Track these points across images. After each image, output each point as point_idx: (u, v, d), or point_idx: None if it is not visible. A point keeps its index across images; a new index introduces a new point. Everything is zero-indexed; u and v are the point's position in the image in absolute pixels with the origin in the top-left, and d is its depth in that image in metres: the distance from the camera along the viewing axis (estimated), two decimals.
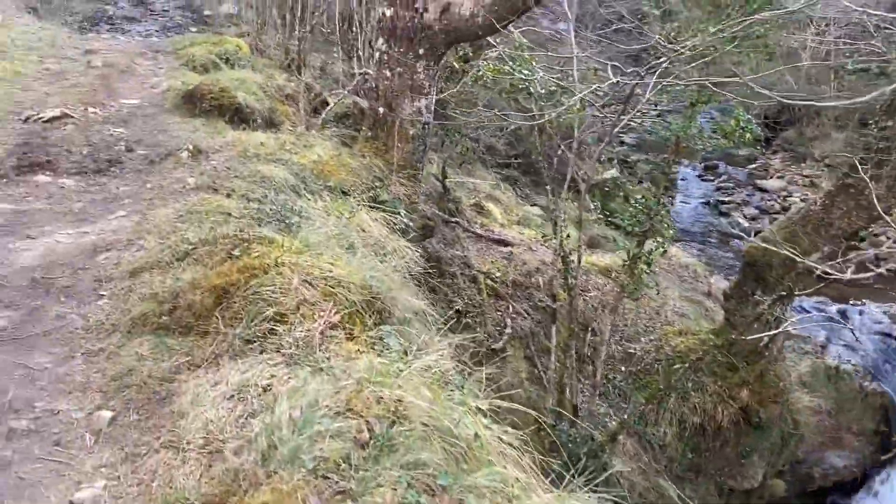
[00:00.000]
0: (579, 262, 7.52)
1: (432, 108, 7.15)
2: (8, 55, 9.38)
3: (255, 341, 3.31)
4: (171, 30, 13.69)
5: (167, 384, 3.15)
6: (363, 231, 5.67)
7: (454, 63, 7.93)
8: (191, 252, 4.18)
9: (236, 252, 3.88)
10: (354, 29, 10.06)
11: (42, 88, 8.44)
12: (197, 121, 7.93)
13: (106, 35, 12.41)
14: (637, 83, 6.00)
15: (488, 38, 7.72)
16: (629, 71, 6.05)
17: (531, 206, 14.48)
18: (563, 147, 8.04)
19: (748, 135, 7.24)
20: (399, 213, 6.82)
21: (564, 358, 8.06)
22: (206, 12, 15.36)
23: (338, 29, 13.02)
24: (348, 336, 3.52)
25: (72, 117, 7.52)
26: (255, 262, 3.74)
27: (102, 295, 4.05)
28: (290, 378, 3.04)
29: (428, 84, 6.95)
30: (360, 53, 10.22)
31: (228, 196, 5.58)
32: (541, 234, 10.86)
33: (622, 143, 19.18)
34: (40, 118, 7.42)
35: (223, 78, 8.66)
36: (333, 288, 3.71)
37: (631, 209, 7.89)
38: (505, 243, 10.67)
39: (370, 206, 6.56)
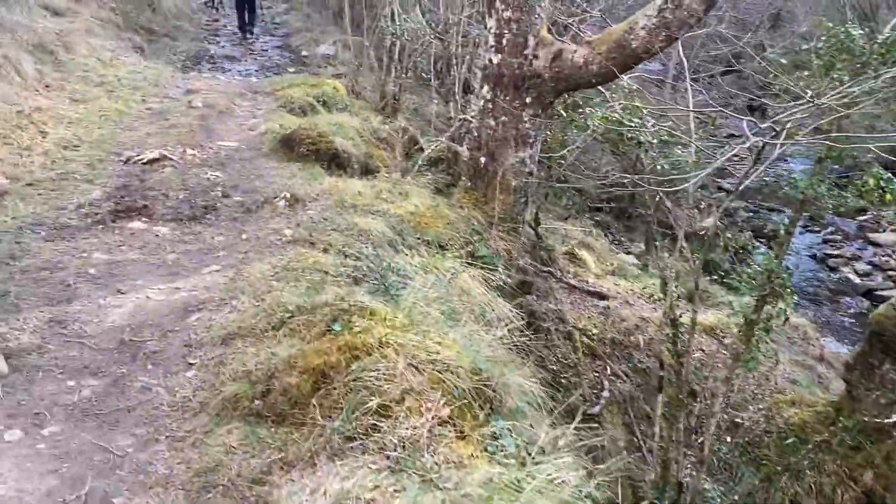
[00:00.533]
0: (693, 327, 6.86)
1: (536, 159, 6.71)
2: (114, 94, 9.47)
3: (356, 438, 2.88)
4: (269, 69, 13.77)
5: (257, 487, 2.75)
6: (463, 291, 5.23)
7: (561, 111, 7.46)
8: (287, 321, 3.81)
9: (336, 326, 3.48)
10: (452, 73, 9.75)
11: (144, 129, 8.43)
12: (294, 166, 7.71)
13: (207, 74, 12.54)
14: (769, 142, 5.39)
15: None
16: (764, 126, 5.45)
17: (625, 253, 13.81)
18: (661, 195, 7.47)
19: (888, 195, 6.48)
20: (498, 269, 6.38)
21: (669, 430, 7.38)
22: (304, 53, 15.45)
23: (433, 71, 12.81)
24: (458, 434, 3.05)
25: (170, 159, 7.41)
26: (357, 339, 3.33)
27: (191, 364, 3.72)
28: (396, 491, 2.59)
29: (533, 133, 6.52)
30: (457, 98, 9.90)
31: (325, 251, 5.26)
32: (639, 286, 10.23)
33: (720, 188, 18.27)
34: (140, 160, 7.34)
35: (321, 122, 8.46)
36: (441, 373, 3.26)
37: (749, 270, 7.20)
38: (600, 296, 10.05)
39: (468, 262, 6.14)
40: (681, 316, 7.21)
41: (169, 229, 5.74)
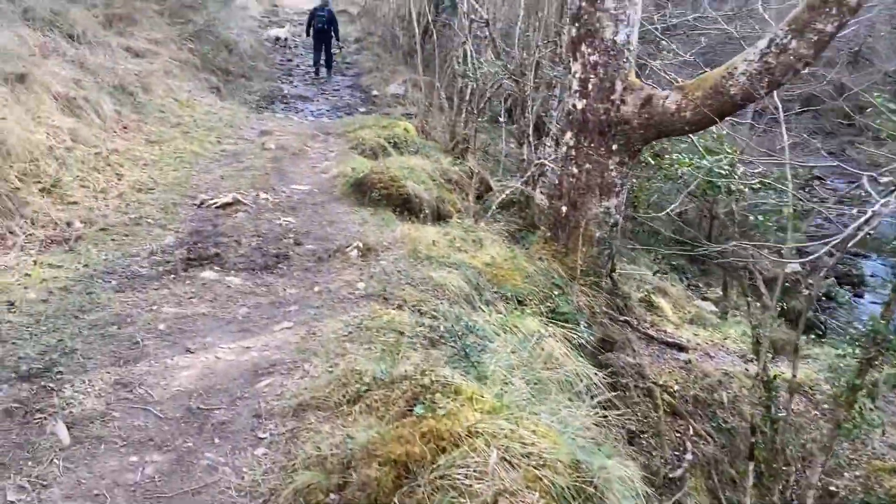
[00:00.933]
0: (791, 396, 6.27)
1: (622, 209, 6.28)
2: (190, 135, 9.47)
3: None
4: (340, 109, 13.73)
5: None
6: (545, 352, 4.82)
7: (648, 158, 7.04)
8: (363, 395, 3.47)
9: (418, 409, 3.12)
10: (526, 114, 9.43)
11: (218, 171, 8.34)
12: (365, 211, 7.47)
13: (280, 114, 12.55)
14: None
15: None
16: (884, 181, 4.92)
17: (702, 299, 13.13)
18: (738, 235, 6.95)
19: None
20: (580, 326, 5.94)
21: (762, 500, 6.75)
22: (374, 92, 15.42)
23: (504, 112, 12.54)
24: None
25: (243, 204, 7.26)
26: (442, 426, 2.96)
27: (261, 439, 3.41)
28: None
29: (620, 182, 6.10)
30: (531, 140, 9.56)
31: (400, 307, 4.93)
32: (719, 336, 9.62)
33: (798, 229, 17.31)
34: (213, 204, 7.21)
35: (392, 166, 8.22)
36: (538, 469, 2.85)
37: (853, 331, 6.59)
38: (680, 347, 9.45)
39: (548, 318, 5.74)
40: (774, 378, 6.63)
41: (240, 279, 5.51)
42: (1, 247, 5.71)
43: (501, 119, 11.47)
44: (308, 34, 16.34)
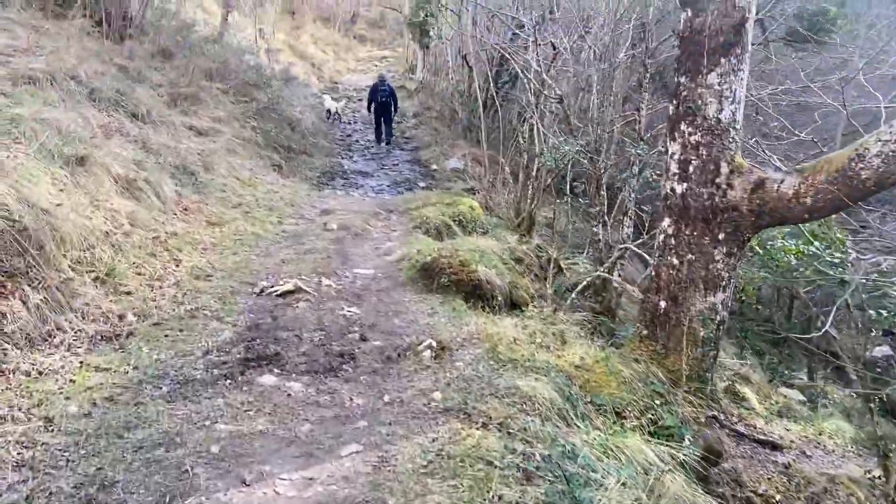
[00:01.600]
0: None
1: (729, 304, 5.47)
2: (250, 216, 9.04)
3: None
4: (400, 184, 13.29)
5: None
6: (668, 491, 3.99)
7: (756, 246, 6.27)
8: None
9: None
10: (602, 193, 8.74)
11: (279, 254, 7.83)
12: (434, 299, 6.81)
13: (341, 191, 12.15)
14: None
15: None
16: None
17: (786, 385, 12.00)
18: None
19: None
20: (685, 440, 5.10)
21: None
22: (434, 167, 15.01)
23: (569, 186, 11.90)
24: None
25: (305, 291, 6.68)
26: None
27: None
28: None
29: (727, 275, 5.31)
30: (605, 220, 8.85)
31: (485, 426, 4.19)
32: (813, 431, 8.57)
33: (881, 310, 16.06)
34: (274, 291, 6.65)
35: (461, 249, 7.59)
36: None
37: None
38: (773, 445, 8.41)
39: (651, 434, 4.92)
40: None
41: (302, 385, 4.85)
42: (47, 345, 5.19)
43: (568, 194, 10.82)
44: (369, 109, 16.57)
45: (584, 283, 7.66)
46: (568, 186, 12.18)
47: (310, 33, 25.31)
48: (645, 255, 6.92)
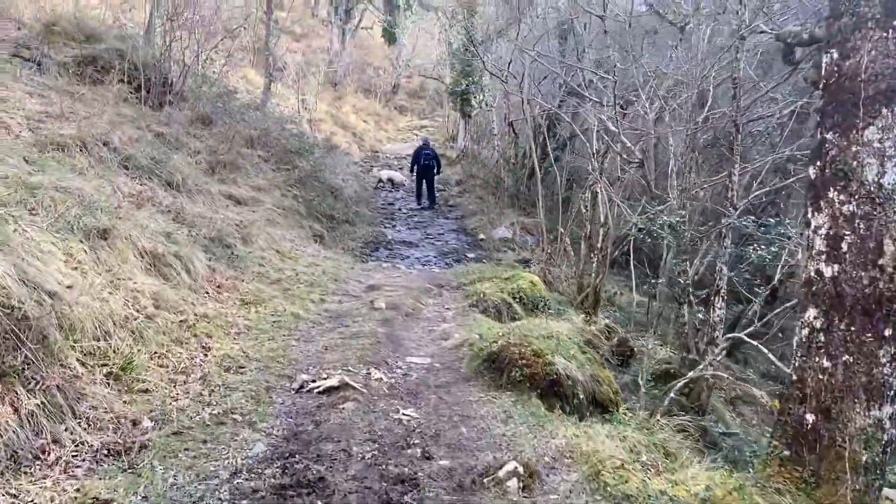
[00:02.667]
0: None
1: None
2: (290, 293, 7.99)
3: None
4: (448, 255, 12.23)
5: None
6: None
7: None
8: None
9: None
10: (689, 270, 7.54)
11: (321, 339, 6.72)
12: (504, 397, 5.61)
13: (386, 263, 11.10)
14: None
15: None
16: None
17: None
18: None
19: None
20: None
21: None
22: (481, 236, 13.97)
23: (630, 258, 10.75)
24: None
25: (352, 387, 5.53)
26: None
27: None
28: None
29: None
30: (692, 300, 7.60)
31: None
32: None
33: None
34: (316, 388, 5.52)
35: (530, 334, 6.40)
36: None
37: None
38: None
39: None
40: None
41: None
42: (38, 465, 4.08)
43: (631, 267, 9.64)
44: (412, 170, 16.51)
45: (682, 381, 6.37)
46: (630, 259, 11.01)
47: (351, 104, 24.88)
48: (762, 347, 5.67)
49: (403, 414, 5.17)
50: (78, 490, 3.87)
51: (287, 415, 5.07)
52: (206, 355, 5.99)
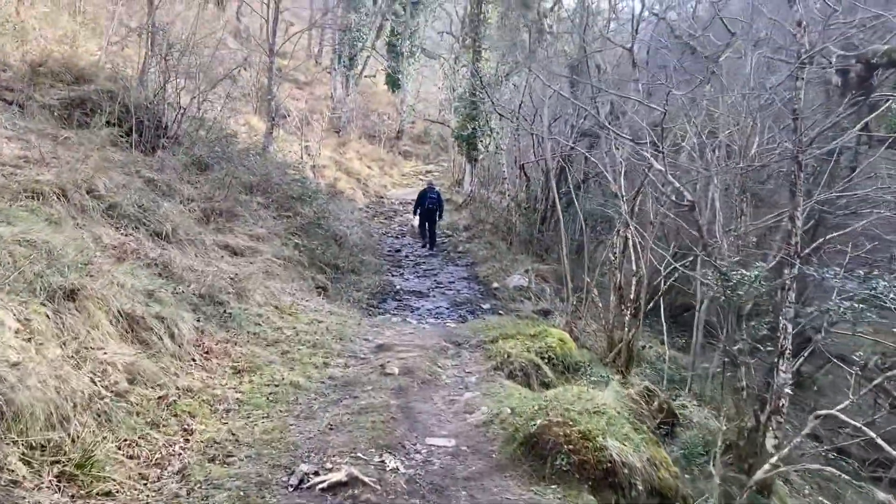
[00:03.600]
0: None
1: None
2: (289, 356, 6.91)
3: None
4: (461, 306, 11.15)
5: None
6: None
7: None
8: None
9: None
10: (743, 328, 6.46)
11: (325, 415, 5.62)
12: (550, 493, 4.49)
13: (395, 316, 10.02)
14: None
15: None
16: None
17: None
18: None
19: None
20: None
21: None
22: (494, 285, 12.89)
23: (662, 310, 9.72)
24: None
25: (362, 482, 4.42)
26: None
27: None
28: None
29: None
30: (749, 362, 6.51)
31: None
32: None
33: None
34: (319, 483, 4.41)
35: (572, 408, 5.30)
36: None
37: None
38: None
39: None
40: None
41: None
42: None
43: (663, 320, 8.56)
44: (415, 212, 15.84)
45: (760, 474, 5.23)
46: (662, 308, 9.94)
47: (355, 150, 24.07)
48: (868, 430, 4.57)
49: None
50: None
51: None
52: (187, 441, 4.89)
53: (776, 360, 6.05)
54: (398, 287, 12.24)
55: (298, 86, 26.45)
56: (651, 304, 8.51)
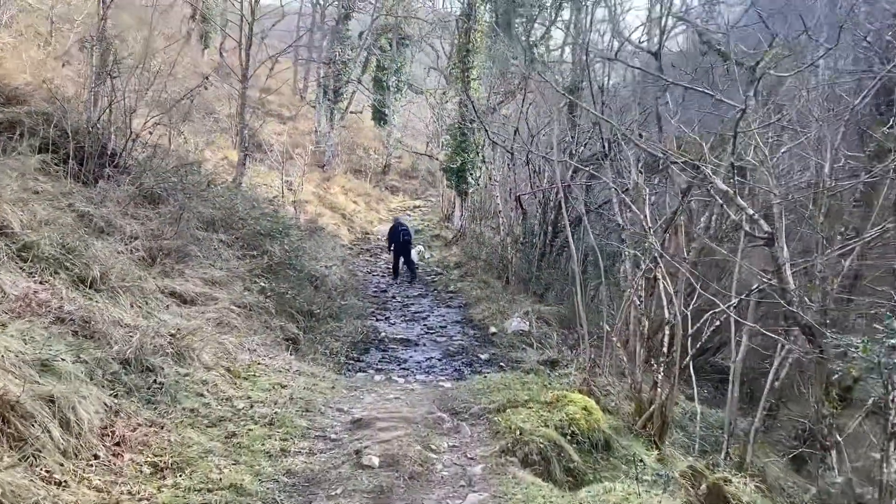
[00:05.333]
0: None
1: None
2: (236, 440, 5.09)
3: None
4: (455, 357, 9.38)
5: None
6: None
7: None
8: None
9: None
10: (833, 395, 4.74)
11: None
12: None
13: (379, 374, 8.22)
14: None
15: None
16: None
17: None
18: None
19: None
20: None
21: None
22: (492, 330, 11.14)
23: (687, 359, 8.05)
24: None
25: None
26: None
27: None
28: None
29: None
30: (839, 439, 4.77)
31: None
32: None
33: None
34: None
35: None
36: None
37: None
38: None
39: None
40: None
41: None
42: None
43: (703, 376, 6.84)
44: (390, 248, 15.25)
45: None
46: (689, 357, 8.21)
47: (340, 185, 22.42)
48: None
49: None
50: None
51: None
52: None
53: (885, 443, 4.34)
54: (383, 334, 10.44)
55: (282, 121, 24.91)
56: (688, 360, 6.79)
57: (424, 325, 11.47)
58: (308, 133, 24.37)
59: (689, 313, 7.53)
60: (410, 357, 9.32)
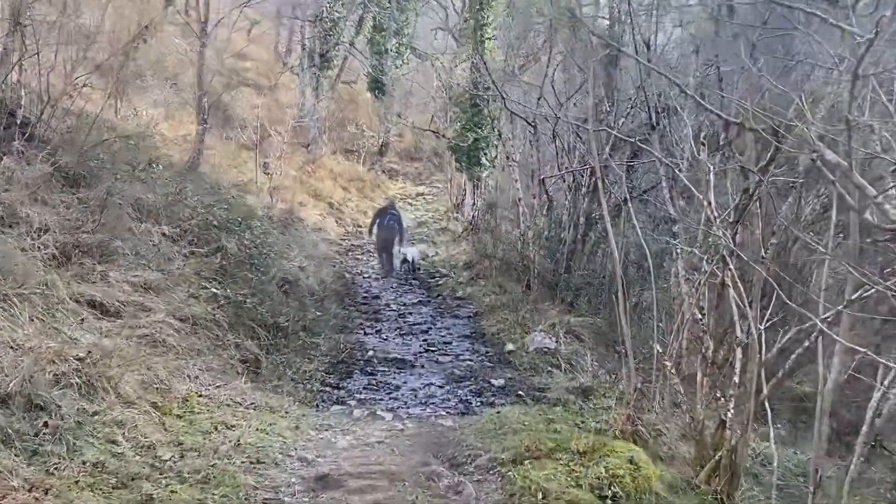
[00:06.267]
0: None
1: None
2: None
3: None
4: (462, 384, 8.58)
5: None
6: None
7: None
8: None
9: None
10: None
11: None
12: None
13: (359, 406, 7.40)
14: None
15: None
16: None
17: None
18: None
19: None
20: None
21: None
22: (509, 347, 10.36)
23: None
24: None
25: None
26: None
27: None
28: None
29: None
30: None
31: None
32: None
33: None
34: None
35: None
36: None
37: None
38: None
39: None
40: None
41: None
42: None
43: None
44: (370, 232, 15.28)
45: None
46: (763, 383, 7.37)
47: (328, 168, 21.74)
48: None
49: None
50: None
51: None
52: None
53: None
54: (371, 352, 9.67)
55: (261, 92, 24.23)
56: (767, 391, 5.94)
57: (424, 340, 10.70)
58: (290, 106, 23.67)
59: (762, 329, 6.73)
60: (404, 383, 8.53)
